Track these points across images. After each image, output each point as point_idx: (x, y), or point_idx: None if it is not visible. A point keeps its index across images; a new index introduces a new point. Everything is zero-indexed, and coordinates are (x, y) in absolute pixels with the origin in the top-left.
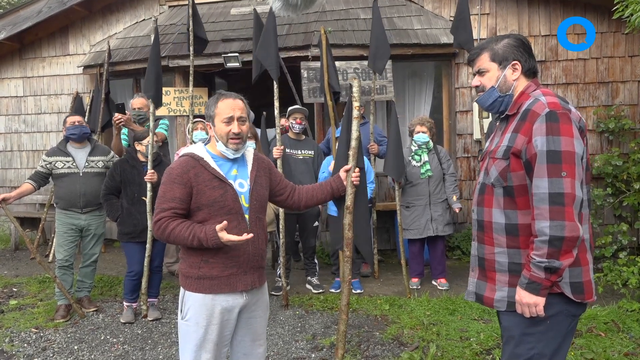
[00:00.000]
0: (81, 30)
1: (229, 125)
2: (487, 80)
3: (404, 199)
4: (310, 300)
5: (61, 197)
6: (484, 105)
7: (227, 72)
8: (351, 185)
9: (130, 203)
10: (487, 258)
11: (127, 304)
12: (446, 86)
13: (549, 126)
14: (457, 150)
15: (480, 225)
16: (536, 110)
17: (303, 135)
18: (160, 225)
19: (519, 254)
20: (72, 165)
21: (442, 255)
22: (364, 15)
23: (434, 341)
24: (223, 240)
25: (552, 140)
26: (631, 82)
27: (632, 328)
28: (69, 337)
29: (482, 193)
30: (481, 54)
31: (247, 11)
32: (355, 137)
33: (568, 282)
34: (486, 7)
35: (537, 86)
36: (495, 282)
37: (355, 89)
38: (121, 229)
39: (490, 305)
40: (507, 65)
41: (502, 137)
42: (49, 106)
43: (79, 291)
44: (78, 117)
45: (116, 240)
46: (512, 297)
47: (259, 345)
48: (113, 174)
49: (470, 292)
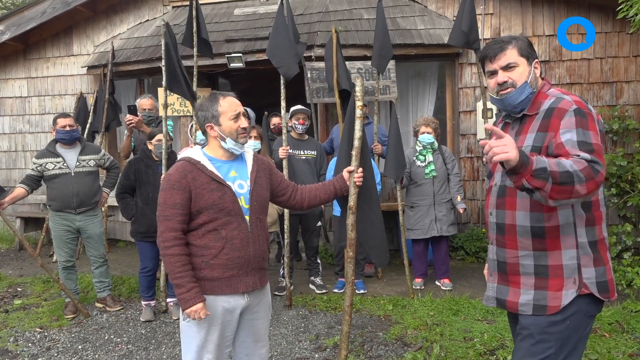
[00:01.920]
0: (85, 30)
1: (237, 121)
2: (518, 75)
3: (408, 199)
4: (313, 301)
5: (54, 199)
6: (514, 102)
7: (230, 73)
8: (354, 185)
9: (145, 203)
10: (509, 262)
11: (145, 303)
12: (450, 86)
13: (578, 120)
14: (461, 151)
15: (501, 229)
16: (563, 107)
17: (306, 136)
18: (164, 242)
19: (546, 256)
20: (63, 165)
21: (445, 256)
22: (367, 16)
23: (438, 342)
24: (196, 310)
25: (582, 133)
26: (635, 82)
27: (636, 329)
28: (73, 337)
29: (503, 195)
30: (507, 49)
31: (250, 11)
32: (359, 137)
33: (594, 281)
34: (490, 7)
35: (550, 85)
36: (519, 286)
37: (358, 88)
38: (135, 227)
39: (514, 309)
40: (532, 62)
41: (522, 138)
42: (53, 106)
43: (101, 292)
44: (68, 120)
45: (120, 240)
46: (538, 301)
47: (262, 346)
48: (128, 173)
49: (490, 298)
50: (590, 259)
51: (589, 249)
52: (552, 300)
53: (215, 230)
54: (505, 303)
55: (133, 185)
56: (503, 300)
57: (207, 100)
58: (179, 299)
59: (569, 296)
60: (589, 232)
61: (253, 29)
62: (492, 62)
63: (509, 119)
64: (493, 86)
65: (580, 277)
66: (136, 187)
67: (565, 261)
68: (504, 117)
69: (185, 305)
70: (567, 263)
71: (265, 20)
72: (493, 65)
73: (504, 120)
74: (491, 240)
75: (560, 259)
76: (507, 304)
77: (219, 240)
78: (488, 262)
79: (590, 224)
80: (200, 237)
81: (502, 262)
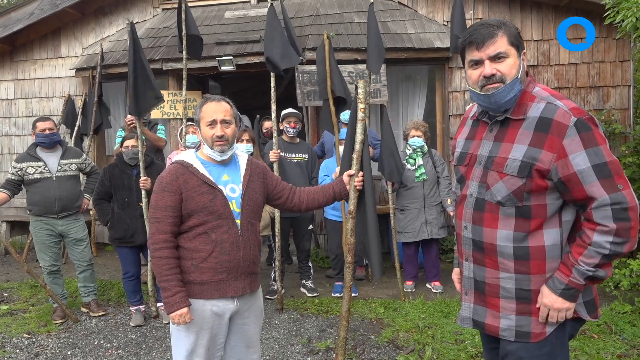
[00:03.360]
0: (73, 32)
1: (213, 128)
2: (508, 68)
3: (399, 202)
4: (305, 304)
5: (35, 203)
6: (502, 99)
7: (220, 76)
8: (354, 190)
9: (121, 208)
10: (488, 282)
11: (134, 308)
12: (440, 90)
13: (584, 138)
14: (451, 154)
15: (479, 247)
16: (560, 120)
17: (297, 139)
18: (154, 244)
19: (529, 280)
20: (44, 170)
21: (436, 258)
22: (358, 19)
23: (430, 344)
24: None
25: (593, 153)
26: (621, 87)
27: (624, 330)
28: (62, 343)
29: (481, 210)
30: (496, 35)
31: (241, 14)
32: (360, 140)
33: (582, 302)
34: (479, 12)
35: (535, 83)
36: (499, 309)
37: (361, 90)
38: (112, 233)
39: (494, 333)
40: (521, 53)
41: (506, 147)
42: (41, 109)
43: (85, 296)
44: (48, 124)
45: (108, 244)
46: (521, 327)
47: (253, 351)
48: (103, 180)
49: (465, 318)
50: None
51: None
52: (537, 327)
53: (205, 234)
54: (483, 326)
55: (109, 191)
56: (481, 322)
57: (199, 103)
58: (164, 302)
59: (555, 324)
60: None
61: (244, 32)
62: (478, 50)
63: (486, 118)
64: (476, 79)
65: None
66: (112, 193)
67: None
68: (480, 114)
69: (169, 310)
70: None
71: (256, 24)
72: (479, 54)
73: (479, 118)
74: (466, 256)
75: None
76: (485, 327)
77: (208, 244)
78: (462, 279)
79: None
80: (190, 240)
81: (481, 281)
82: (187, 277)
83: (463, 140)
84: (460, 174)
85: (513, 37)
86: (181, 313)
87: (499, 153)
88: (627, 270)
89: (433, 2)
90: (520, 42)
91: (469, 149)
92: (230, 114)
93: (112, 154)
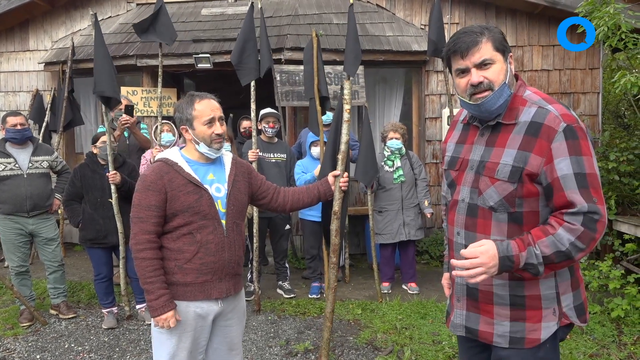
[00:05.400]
0: (42, 25)
1: (212, 126)
2: (496, 74)
3: (377, 204)
4: (282, 305)
5: (5, 202)
6: (492, 107)
7: (196, 73)
8: (339, 190)
9: (93, 208)
10: (482, 289)
11: (106, 310)
12: (416, 93)
13: (570, 145)
14: (427, 156)
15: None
16: (551, 125)
17: (276, 139)
18: (137, 245)
19: (522, 286)
20: (14, 166)
21: (412, 260)
22: (337, 20)
23: (408, 345)
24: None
25: (576, 161)
26: (591, 94)
27: (595, 330)
28: (30, 346)
29: (474, 216)
30: (480, 42)
31: (218, 12)
32: (345, 141)
33: (572, 306)
34: (456, 17)
35: (525, 86)
36: (492, 316)
37: (347, 91)
38: (83, 234)
39: (488, 341)
40: (508, 57)
41: (498, 152)
42: (7, 104)
43: (55, 298)
44: (19, 119)
45: (77, 244)
46: (515, 333)
47: (235, 354)
48: (73, 180)
49: (458, 326)
50: (568, 283)
51: (568, 274)
52: (531, 333)
53: (190, 234)
54: (477, 333)
55: (80, 192)
56: (474, 330)
57: (184, 101)
58: (148, 306)
59: (550, 329)
60: None
61: (221, 30)
62: (463, 58)
63: (477, 123)
64: (464, 87)
65: (560, 307)
66: (83, 194)
67: (544, 291)
68: (471, 118)
69: (154, 314)
70: (545, 293)
71: (233, 22)
72: (465, 62)
73: (470, 122)
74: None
75: (538, 288)
76: (479, 334)
77: (193, 244)
78: (453, 286)
79: None
80: (174, 241)
81: (474, 288)
82: (170, 278)
83: (454, 144)
84: (451, 178)
85: (498, 42)
86: (166, 317)
87: (490, 158)
88: (597, 272)
89: (411, 6)
90: (505, 46)
91: (460, 153)
92: (221, 111)
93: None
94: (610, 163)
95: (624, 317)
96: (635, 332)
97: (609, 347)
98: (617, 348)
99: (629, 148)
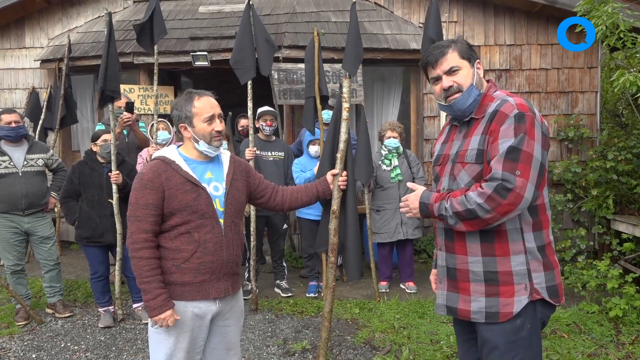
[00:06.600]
0: (39, 22)
1: (212, 124)
2: (463, 78)
3: (375, 203)
4: (279, 304)
5: (0, 200)
6: (463, 106)
7: (192, 71)
8: (338, 189)
9: (90, 207)
10: (459, 268)
11: (103, 309)
12: (414, 91)
13: (516, 127)
14: (425, 155)
15: (450, 235)
16: (504, 111)
17: (273, 137)
18: (134, 244)
19: (495, 262)
20: (9, 165)
21: (410, 259)
22: (335, 19)
23: (406, 345)
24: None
25: (517, 139)
26: (589, 93)
27: (592, 329)
28: (26, 345)
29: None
30: (447, 52)
31: (215, 9)
32: (344, 139)
33: (544, 286)
34: (454, 15)
35: (496, 88)
36: (469, 293)
37: (346, 89)
38: (80, 232)
39: (466, 317)
40: (474, 63)
41: (468, 141)
42: (2, 101)
43: (51, 297)
44: (14, 117)
45: (73, 242)
46: (490, 308)
47: (233, 354)
48: (71, 178)
49: (440, 306)
50: (540, 263)
51: (538, 253)
52: (504, 307)
53: (187, 233)
54: (456, 311)
55: (77, 190)
56: (454, 308)
57: (182, 98)
58: (146, 306)
59: (521, 302)
60: (536, 237)
61: (219, 27)
62: (434, 68)
63: (456, 122)
64: (439, 92)
65: (532, 282)
66: (81, 192)
67: (515, 267)
68: (451, 120)
69: (151, 314)
70: (516, 269)
71: (231, 19)
72: (436, 71)
73: (451, 123)
74: (439, 246)
75: (509, 264)
76: (458, 312)
77: (191, 244)
78: (437, 269)
79: (537, 229)
80: (171, 240)
81: (452, 268)
82: (167, 277)
83: (440, 145)
84: (436, 173)
85: (464, 52)
86: (164, 316)
87: (463, 147)
88: (595, 272)
89: (409, 4)
90: (471, 54)
91: (443, 150)
92: (220, 108)
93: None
94: (608, 162)
95: (622, 317)
96: (633, 331)
97: (607, 346)
98: (615, 347)
99: (627, 147)
